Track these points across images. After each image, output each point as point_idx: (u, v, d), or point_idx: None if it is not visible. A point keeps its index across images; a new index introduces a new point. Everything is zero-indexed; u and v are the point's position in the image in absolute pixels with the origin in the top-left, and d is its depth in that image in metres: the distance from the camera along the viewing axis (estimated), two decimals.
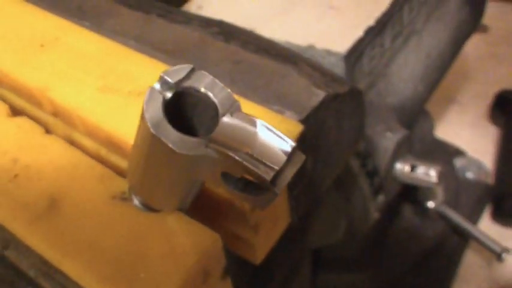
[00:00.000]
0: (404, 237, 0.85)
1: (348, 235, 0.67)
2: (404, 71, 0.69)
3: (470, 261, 0.83)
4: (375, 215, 0.64)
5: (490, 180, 0.92)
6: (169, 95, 0.28)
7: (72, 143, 0.42)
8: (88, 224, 0.35)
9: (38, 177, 0.37)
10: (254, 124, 0.27)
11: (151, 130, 0.26)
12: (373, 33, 0.62)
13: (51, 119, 0.44)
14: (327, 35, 0.61)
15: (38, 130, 0.40)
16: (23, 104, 0.45)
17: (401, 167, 0.65)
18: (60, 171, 0.37)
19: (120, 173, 0.38)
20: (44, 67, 0.43)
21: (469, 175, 0.93)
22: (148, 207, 0.35)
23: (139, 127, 0.29)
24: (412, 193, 0.81)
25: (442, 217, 0.82)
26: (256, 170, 0.26)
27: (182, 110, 0.29)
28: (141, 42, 0.46)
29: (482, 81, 1.11)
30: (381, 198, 0.63)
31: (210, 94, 0.28)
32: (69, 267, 0.33)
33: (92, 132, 0.40)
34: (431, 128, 0.91)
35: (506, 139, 0.96)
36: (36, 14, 0.48)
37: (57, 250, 0.34)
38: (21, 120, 0.41)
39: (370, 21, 0.62)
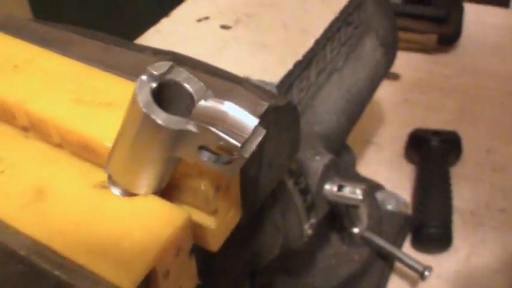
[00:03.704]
0: (333, 262, 0.91)
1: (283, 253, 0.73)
2: (328, 104, 0.77)
3: (395, 284, 0.90)
4: (309, 231, 0.70)
5: (409, 211, 1.00)
6: (154, 85, 0.34)
7: None
8: (73, 208, 0.40)
9: (23, 172, 0.42)
10: (224, 105, 0.34)
11: (143, 110, 0.33)
12: (301, 67, 0.70)
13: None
14: (260, 68, 0.69)
15: (18, 134, 0.46)
16: None
17: (330, 188, 0.72)
18: (43, 167, 0.43)
19: None
20: (19, 84, 0.48)
21: (389, 207, 1.01)
22: (125, 194, 0.40)
23: (129, 112, 0.35)
24: (338, 221, 0.88)
25: (367, 242, 0.89)
26: (229, 138, 0.32)
27: (161, 101, 0.35)
28: (105, 65, 0.52)
29: (397, 124, 1.18)
30: (313, 216, 0.70)
31: (187, 85, 0.34)
32: (59, 244, 0.38)
33: (66, 139, 0.45)
34: (353, 161, 0.99)
35: (421, 175, 1.04)
36: (7, 40, 0.54)
37: (46, 231, 0.39)
38: (2, 127, 0.47)
39: (299, 57, 0.70)
